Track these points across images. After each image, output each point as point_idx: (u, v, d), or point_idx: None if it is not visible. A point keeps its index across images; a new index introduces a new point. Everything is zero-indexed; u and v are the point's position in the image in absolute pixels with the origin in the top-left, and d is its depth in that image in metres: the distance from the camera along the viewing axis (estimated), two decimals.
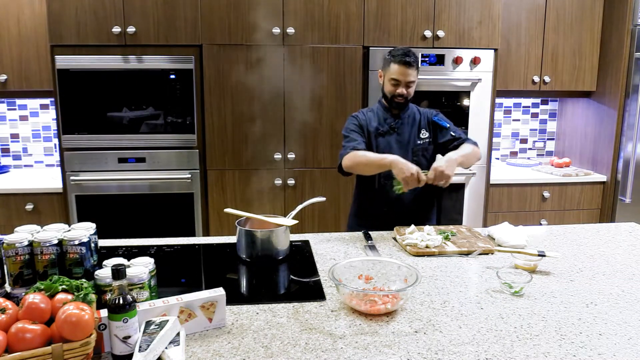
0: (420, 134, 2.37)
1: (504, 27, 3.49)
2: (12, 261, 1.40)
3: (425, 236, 1.96)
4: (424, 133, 2.37)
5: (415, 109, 2.42)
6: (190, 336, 1.28)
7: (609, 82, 3.58)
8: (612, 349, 1.23)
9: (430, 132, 2.38)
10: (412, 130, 2.36)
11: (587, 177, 3.64)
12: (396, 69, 2.23)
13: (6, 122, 3.65)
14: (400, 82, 2.24)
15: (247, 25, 3.07)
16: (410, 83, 2.26)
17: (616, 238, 2.11)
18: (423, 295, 1.53)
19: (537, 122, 4.21)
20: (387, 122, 2.35)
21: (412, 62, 2.22)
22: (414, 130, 2.36)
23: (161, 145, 3.12)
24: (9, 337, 1.05)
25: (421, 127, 2.38)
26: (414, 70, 2.25)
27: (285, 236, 1.87)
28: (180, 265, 1.84)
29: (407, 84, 2.25)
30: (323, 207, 3.27)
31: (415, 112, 2.41)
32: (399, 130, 2.35)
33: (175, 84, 3.07)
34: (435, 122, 2.37)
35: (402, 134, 2.35)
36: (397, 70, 2.23)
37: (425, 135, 2.37)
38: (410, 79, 2.25)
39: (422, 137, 2.37)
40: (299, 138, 3.21)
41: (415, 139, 2.36)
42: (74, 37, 2.97)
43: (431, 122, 2.38)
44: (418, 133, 2.37)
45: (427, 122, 2.39)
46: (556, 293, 1.55)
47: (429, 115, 2.41)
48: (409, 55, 2.22)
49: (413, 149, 2.35)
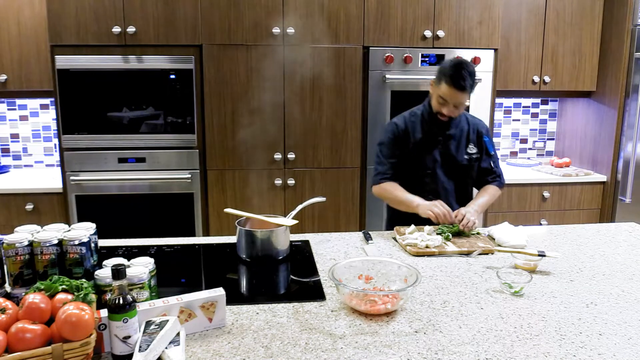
0: (468, 148, 2.25)
1: (504, 27, 3.49)
2: (12, 261, 1.40)
3: (425, 236, 1.96)
4: (471, 148, 2.25)
5: (464, 117, 2.29)
6: (190, 336, 1.28)
7: (609, 82, 3.58)
8: (612, 349, 1.23)
9: (479, 148, 2.27)
10: (460, 144, 2.24)
11: (587, 177, 3.64)
12: (446, 90, 2.08)
13: (6, 122, 3.65)
14: (448, 103, 2.11)
15: (247, 25, 3.07)
16: (459, 106, 2.12)
17: (616, 238, 2.11)
18: (423, 295, 1.53)
19: (537, 122, 4.21)
20: (434, 133, 2.22)
21: (465, 87, 2.05)
22: (462, 143, 2.24)
23: (161, 145, 3.12)
24: (9, 337, 1.05)
25: (470, 140, 2.25)
26: (466, 94, 2.09)
27: (285, 236, 1.87)
28: (180, 265, 1.84)
29: (455, 105, 2.11)
30: (323, 207, 3.27)
31: (463, 121, 2.26)
32: (445, 144, 2.22)
33: (175, 84, 3.06)
34: (484, 144, 2.27)
35: (448, 147, 2.23)
36: (447, 92, 2.08)
37: (473, 151, 2.25)
38: (460, 101, 2.10)
39: (469, 152, 2.25)
40: (299, 138, 3.21)
41: (463, 154, 2.24)
42: (74, 37, 2.97)
43: (481, 139, 2.27)
44: (465, 147, 2.25)
45: (476, 136, 2.27)
46: (556, 293, 1.55)
47: (480, 129, 2.28)
48: (463, 79, 2.04)
49: (460, 164, 2.24)
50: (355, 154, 3.27)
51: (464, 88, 2.06)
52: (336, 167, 3.28)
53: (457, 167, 2.26)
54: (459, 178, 2.29)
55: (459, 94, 2.07)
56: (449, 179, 2.28)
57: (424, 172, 2.26)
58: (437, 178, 2.26)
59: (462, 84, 2.04)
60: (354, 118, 3.22)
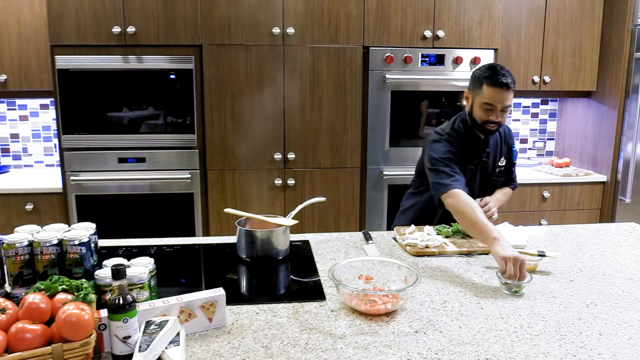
0: (499, 161, 2.20)
1: (504, 27, 3.49)
2: (12, 261, 1.40)
3: (425, 236, 1.96)
4: (502, 161, 2.20)
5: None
6: (190, 336, 1.28)
7: (609, 82, 3.58)
8: (612, 349, 1.23)
9: (507, 160, 2.23)
10: (495, 160, 2.19)
11: (587, 177, 3.64)
12: (491, 93, 1.93)
13: (6, 122, 3.65)
14: (495, 107, 1.95)
15: (247, 25, 3.07)
16: (506, 108, 1.97)
17: (616, 238, 2.11)
18: (423, 295, 1.53)
19: (537, 122, 4.21)
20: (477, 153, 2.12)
21: (510, 84, 1.93)
22: (497, 159, 2.20)
23: (161, 145, 3.12)
24: (9, 337, 1.05)
25: (502, 152, 2.20)
26: (512, 93, 1.95)
27: (285, 236, 1.87)
28: (180, 265, 1.84)
29: (502, 109, 1.96)
30: (323, 207, 3.27)
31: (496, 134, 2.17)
32: (483, 165, 2.16)
33: (175, 84, 3.06)
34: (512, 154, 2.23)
35: (486, 166, 2.17)
36: (492, 95, 1.93)
37: (502, 163, 2.20)
38: (507, 103, 1.95)
39: (500, 165, 2.20)
40: (299, 138, 3.21)
41: (495, 168, 2.19)
42: (74, 37, 2.97)
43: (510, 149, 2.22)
44: (498, 159, 2.20)
45: (506, 146, 2.21)
46: (556, 293, 1.55)
47: (508, 138, 2.21)
48: (505, 76, 1.92)
49: (492, 176, 2.20)
50: (355, 154, 3.27)
51: (509, 85, 1.92)
52: (336, 167, 3.27)
53: (491, 182, 2.22)
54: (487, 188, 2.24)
55: (504, 93, 1.92)
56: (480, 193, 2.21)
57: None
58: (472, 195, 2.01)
59: (506, 81, 1.91)
60: (354, 118, 3.22)
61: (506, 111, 1.98)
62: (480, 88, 1.97)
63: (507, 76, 1.93)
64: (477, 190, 2.20)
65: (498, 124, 2.00)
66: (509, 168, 2.29)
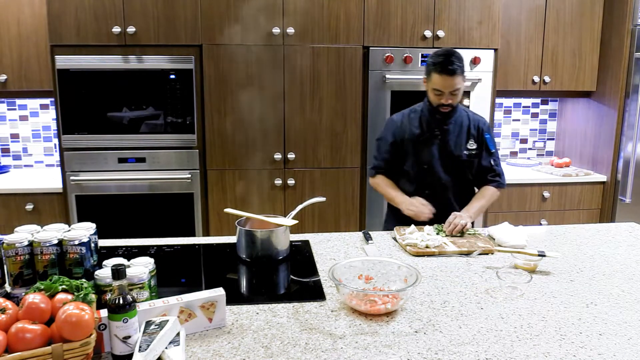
0: (468, 144, 2.23)
1: (504, 27, 3.49)
2: (12, 261, 1.40)
3: (425, 236, 1.96)
4: (471, 144, 2.23)
5: (464, 112, 2.27)
6: (190, 336, 1.28)
7: (609, 82, 3.58)
8: (612, 349, 1.23)
9: (479, 144, 2.25)
10: (459, 138, 2.23)
11: (587, 177, 3.64)
12: (438, 80, 2.07)
13: (6, 122, 3.65)
14: (444, 92, 2.10)
15: (247, 26, 3.07)
16: (456, 91, 2.10)
17: (616, 238, 2.11)
18: (423, 295, 1.53)
19: (537, 122, 4.20)
20: (431, 128, 2.22)
21: (456, 70, 2.05)
22: (461, 139, 2.23)
23: (161, 145, 3.12)
24: (9, 337, 1.05)
25: (470, 136, 2.24)
26: (459, 77, 2.07)
27: (285, 236, 1.87)
28: (180, 265, 1.84)
29: (452, 92, 2.09)
30: (323, 207, 3.27)
31: (464, 117, 2.25)
32: (443, 138, 2.22)
33: (175, 84, 3.06)
34: (485, 141, 2.25)
35: (446, 142, 2.22)
36: (440, 82, 2.07)
37: (472, 147, 2.24)
38: (456, 87, 2.08)
39: (469, 148, 2.24)
40: (299, 138, 3.21)
41: (462, 149, 2.23)
42: (74, 37, 2.97)
43: (481, 135, 2.26)
44: (465, 143, 2.23)
45: (477, 131, 2.25)
46: (556, 293, 1.55)
47: (481, 125, 2.27)
48: (451, 63, 2.04)
49: (459, 159, 2.23)
50: (355, 154, 3.27)
51: (454, 71, 2.05)
52: (336, 167, 3.28)
53: (456, 162, 2.25)
54: (457, 174, 2.28)
55: (451, 79, 2.06)
56: (447, 174, 2.27)
57: (421, 167, 2.27)
58: (434, 172, 2.26)
59: (452, 68, 2.04)
60: (354, 118, 3.22)
61: (456, 94, 2.11)
62: (430, 75, 2.12)
63: (453, 63, 2.04)
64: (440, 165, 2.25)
65: (450, 106, 2.14)
66: (489, 159, 2.29)
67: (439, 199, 2.24)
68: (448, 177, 2.28)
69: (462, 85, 2.11)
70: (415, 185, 2.27)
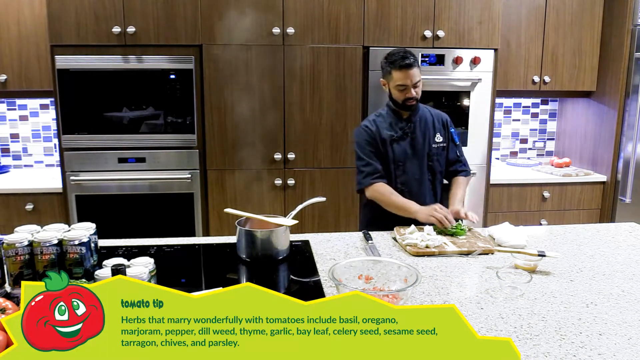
0: (435, 137, 2.36)
1: (504, 27, 3.49)
2: (12, 261, 1.40)
3: (425, 236, 1.96)
4: (438, 137, 2.36)
5: (426, 109, 2.40)
6: None
7: (609, 82, 3.58)
8: (612, 349, 1.23)
9: (445, 138, 2.38)
10: (426, 133, 2.35)
11: (587, 177, 3.64)
12: (399, 75, 2.22)
13: (6, 122, 3.65)
14: (407, 86, 2.23)
15: (247, 25, 3.07)
16: (417, 83, 2.24)
17: (616, 238, 2.11)
18: (423, 295, 1.53)
19: (537, 122, 4.21)
20: (399, 127, 2.33)
21: (413, 63, 2.20)
22: (428, 133, 2.35)
23: (161, 145, 3.12)
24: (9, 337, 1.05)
25: (435, 130, 2.37)
26: (417, 69, 2.23)
27: (285, 236, 1.87)
28: (180, 265, 1.84)
29: (414, 85, 2.23)
30: (323, 207, 3.26)
31: (426, 113, 2.38)
32: (412, 135, 2.33)
33: (175, 84, 3.07)
34: (451, 134, 2.39)
35: (415, 138, 2.34)
36: (401, 77, 2.21)
37: (440, 140, 2.36)
38: (416, 79, 2.23)
39: (437, 141, 2.36)
40: (299, 138, 3.21)
41: (430, 143, 2.35)
42: (74, 37, 2.97)
43: (447, 129, 2.39)
44: (433, 137, 2.35)
45: (441, 125, 2.38)
46: (556, 293, 1.55)
47: (443, 119, 2.40)
48: (407, 58, 2.20)
49: (428, 153, 2.34)
50: None
51: (411, 64, 2.19)
52: (336, 167, 3.28)
53: (427, 157, 2.35)
54: (429, 167, 2.37)
55: (410, 72, 2.20)
56: (420, 170, 2.36)
57: (396, 165, 2.34)
58: (407, 169, 2.34)
59: (408, 62, 2.19)
60: (354, 118, 3.22)
61: (418, 86, 2.25)
62: (390, 74, 2.25)
63: (408, 57, 2.19)
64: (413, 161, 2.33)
65: (415, 99, 2.26)
66: (455, 150, 2.41)
67: (414, 194, 2.32)
68: (421, 172, 2.36)
69: (420, 77, 2.25)
70: (389, 184, 2.33)
